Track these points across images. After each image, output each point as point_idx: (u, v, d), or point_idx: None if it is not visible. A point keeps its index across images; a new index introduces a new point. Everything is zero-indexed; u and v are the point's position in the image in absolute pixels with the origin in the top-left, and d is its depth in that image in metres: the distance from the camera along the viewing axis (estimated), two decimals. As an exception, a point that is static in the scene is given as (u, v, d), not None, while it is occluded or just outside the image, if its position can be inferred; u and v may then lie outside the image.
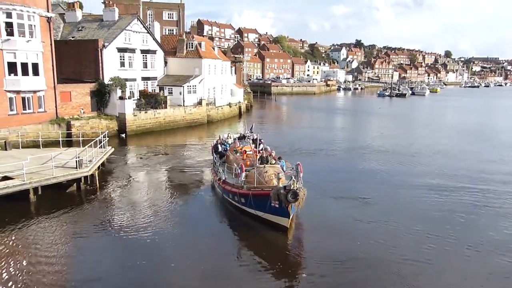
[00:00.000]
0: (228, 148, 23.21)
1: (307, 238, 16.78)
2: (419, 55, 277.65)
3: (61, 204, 19.10)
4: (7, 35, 29.05)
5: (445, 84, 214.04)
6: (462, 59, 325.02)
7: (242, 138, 24.72)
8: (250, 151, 20.74)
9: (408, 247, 15.44)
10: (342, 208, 19.97)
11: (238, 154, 21.05)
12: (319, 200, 20.48)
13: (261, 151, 22.05)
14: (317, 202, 20.00)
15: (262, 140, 24.69)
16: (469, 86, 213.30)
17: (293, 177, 16.13)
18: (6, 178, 18.98)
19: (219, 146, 23.81)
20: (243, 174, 17.81)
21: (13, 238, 15.75)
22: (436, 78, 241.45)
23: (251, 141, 22.24)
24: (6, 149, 25.17)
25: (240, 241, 16.50)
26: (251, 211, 17.51)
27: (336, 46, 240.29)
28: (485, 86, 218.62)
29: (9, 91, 29.72)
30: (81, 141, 26.90)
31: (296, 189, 15.27)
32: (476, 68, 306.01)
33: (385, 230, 17.00)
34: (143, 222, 17.23)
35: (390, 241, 15.95)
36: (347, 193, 22.01)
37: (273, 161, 19.64)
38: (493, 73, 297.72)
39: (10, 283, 12.47)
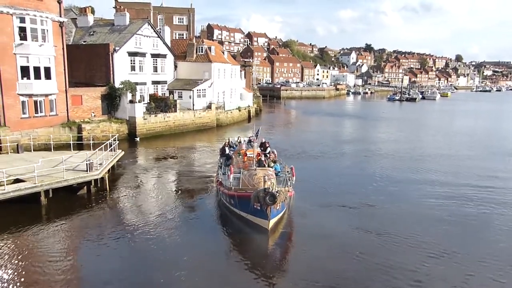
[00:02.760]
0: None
1: (293, 245, 16.45)
2: (430, 59, 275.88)
3: (72, 207, 19.30)
4: (20, 40, 29.50)
5: (456, 88, 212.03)
6: (473, 63, 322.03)
7: (250, 141, 24.98)
8: (252, 153, 20.93)
9: (408, 264, 14.31)
10: (341, 215, 19.27)
11: (240, 156, 21.38)
12: (319, 205, 20.26)
13: (268, 154, 22.44)
14: (315, 208, 19.86)
15: (268, 143, 25.06)
16: (480, 91, 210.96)
17: (271, 179, 16.19)
18: (18, 180, 19.22)
19: (226, 148, 24.04)
20: (232, 176, 18.37)
21: (24, 240, 15.91)
22: (447, 82, 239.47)
23: (255, 145, 22.48)
24: (18, 152, 25.49)
25: (226, 244, 16.46)
26: (237, 212, 17.93)
27: (346, 50, 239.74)
28: (496, 91, 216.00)
29: (22, 95, 30.15)
30: (91, 144, 27.15)
31: (276, 191, 15.45)
32: (488, 72, 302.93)
33: (383, 243, 16.07)
34: (151, 226, 17.29)
35: (387, 255, 14.92)
36: (349, 198, 21.47)
37: (272, 164, 20.28)
38: (505, 77, 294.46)
39: (21, 285, 12.60)
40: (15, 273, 13.24)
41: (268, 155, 22.97)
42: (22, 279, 12.91)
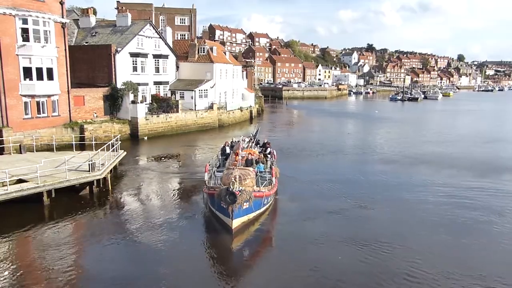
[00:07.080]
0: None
1: (258, 248, 15.99)
2: (432, 59, 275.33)
3: (74, 207, 19.35)
4: (23, 41, 29.60)
5: (458, 88, 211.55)
6: (475, 63, 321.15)
7: (250, 141, 25.36)
8: (245, 153, 21.16)
9: (394, 274, 13.35)
10: (324, 220, 18.43)
11: (233, 156, 21.65)
12: (305, 208, 19.76)
13: (269, 155, 22.73)
14: (300, 210, 19.48)
15: (269, 144, 25.32)
16: (482, 90, 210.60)
17: (233, 178, 16.20)
18: (20, 181, 19.28)
19: (226, 148, 24.26)
20: (206, 174, 19.32)
21: (27, 240, 16.00)
22: (449, 82, 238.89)
23: (253, 144, 22.63)
24: (21, 153, 25.58)
25: (194, 242, 16.11)
26: (212, 209, 18.29)
27: (348, 50, 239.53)
28: (499, 90, 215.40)
29: (24, 96, 30.25)
30: (94, 145, 27.20)
31: (239, 191, 15.53)
32: (490, 72, 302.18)
33: (366, 250, 15.05)
34: (152, 226, 17.32)
35: (370, 265, 14.03)
36: (339, 201, 20.64)
37: (261, 164, 20.78)
38: (507, 76, 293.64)
39: (23, 284, 12.65)
40: (18, 273, 13.30)
41: (268, 155, 23.12)
42: (25, 279, 12.97)
